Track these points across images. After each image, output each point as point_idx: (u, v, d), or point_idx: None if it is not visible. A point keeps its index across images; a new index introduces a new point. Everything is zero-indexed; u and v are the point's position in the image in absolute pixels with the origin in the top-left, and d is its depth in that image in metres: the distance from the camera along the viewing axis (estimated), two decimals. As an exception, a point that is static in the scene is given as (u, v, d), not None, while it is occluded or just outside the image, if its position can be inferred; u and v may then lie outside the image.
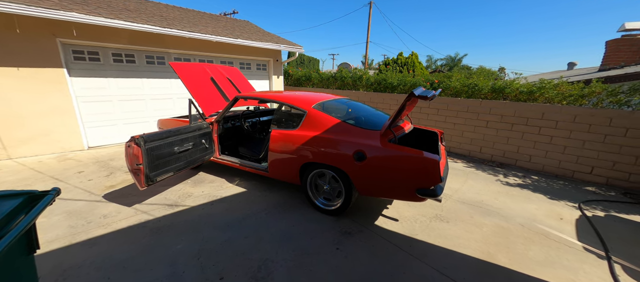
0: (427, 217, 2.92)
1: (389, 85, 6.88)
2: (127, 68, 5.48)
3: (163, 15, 6.16)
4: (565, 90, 4.63)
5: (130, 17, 5.01)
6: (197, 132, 3.30)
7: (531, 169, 4.73)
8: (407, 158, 2.32)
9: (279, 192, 3.41)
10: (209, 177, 3.86)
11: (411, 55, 12.51)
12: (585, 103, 4.48)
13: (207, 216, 2.81)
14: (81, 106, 5.04)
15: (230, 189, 3.47)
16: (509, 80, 5.26)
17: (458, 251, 2.40)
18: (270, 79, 8.27)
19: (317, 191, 3.00)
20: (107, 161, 4.46)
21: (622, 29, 8.36)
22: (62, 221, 2.62)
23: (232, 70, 4.99)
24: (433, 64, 28.39)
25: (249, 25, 9.00)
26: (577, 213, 3.19)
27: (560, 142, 4.41)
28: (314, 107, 2.94)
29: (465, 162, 5.07)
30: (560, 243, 2.55)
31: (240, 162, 3.54)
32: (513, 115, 4.82)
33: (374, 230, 2.65)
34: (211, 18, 7.87)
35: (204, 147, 3.43)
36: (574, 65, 15.28)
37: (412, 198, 2.37)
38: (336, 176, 2.71)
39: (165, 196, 3.20)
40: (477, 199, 3.44)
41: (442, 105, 5.66)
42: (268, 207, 3.04)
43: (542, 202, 3.45)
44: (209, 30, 6.12)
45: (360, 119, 3.16)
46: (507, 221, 2.93)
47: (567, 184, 4.13)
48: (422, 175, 2.25)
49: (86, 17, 4.38)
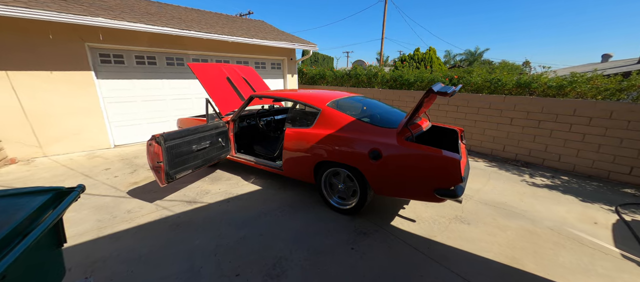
0: (446, 219, 2.81)
1: (406, 82, 6.70)
2: (149, 70, 5.71)
3: (181, 18, 6.36)
4: (600, 84, 4.27)
5: (151, 21, 5.21)
6: (214, 130, 3.37)
7: (560, 169, 4.43)
8: (425, 157, 2.24)
9: (293, 191, 3.42)
10: (226, 175, 3.95)
11: (429, 50, 12.10)
12: (624, 98, 4.12)
13: (223, 213, 2.86)
14: (108, 107, 5.32)
15: (246, 187, 3.53)
16: (536, 74, 4.95)
17: (480, 254, 2.28)
18: (284, 77, 8.32)
19: (332, 189, 2.97)
20: (131, 158, 4.68)
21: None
22: (90, 215, 2.77)
23: (248, 69, 5.06)
24: (452, 59, 27.32)
25: (264, 25, 9.09)
26: (614, 217, 2.94)
27: (594, 140, 4.08)
28: (329, 105, 2.91)
29: (487, 162, 4.84)
30: (595, 249, 2.36)
31: (256, 160, 3.58)
32: (540, 111, 4.52)
33: (390, 230, 2.59)
34: (227, 19, 8.04)
35: (221, 146, 3.50)
36: (609, 57, 14.18)
37: (430, 199, 2.28)
38: (351, 175, 2.67)
39: (185, 193, 3.31)
40: (501, 200, 3.26)
41: (462, 102, 5.43)
42: (282, 206, 3.05)
43: (573, 205, 3.21)
44: (225, 31, 6.24)
45: (375, 116, 3.09)
46: (534, 224, 2.75)
47: (602, 186, 3.82)
48: (441, 174, 2.16)
49: (111, 21, 4.60)
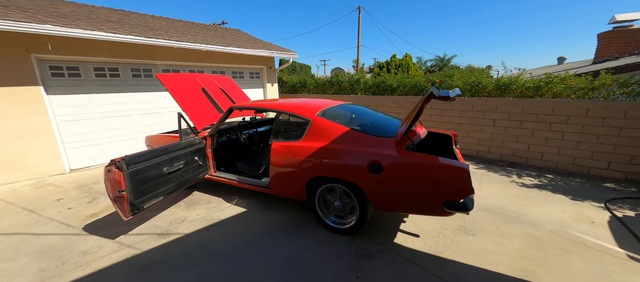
0: (450, 230, 2.64)
1: (389, 88, 6.67)
2: (111, 83, 5.10)
3: (148, 26, 5.83)
4: (573, 83, 4.47)
5: (112, 29, 4.68)
6: (188, 148, 2.96)
7: (544, 168, 4.53)
8: (431, 167, 2.05)
9: (282, 211, 3.08)
10: (204, 197, 3.51)
11: (405, 56, 12.44)
12: (595, 96, 4.33)
13: (203, 245, 2.46)
14: (61, 126, 4.63)
15: (228, 210, 3.13)
16: (513, 76, 5.10)
17: (492, 269, 2.11)
18: (264, 87, 7.98)
19: (327, 208, 2.69)
20: (90, 184, 4.05)
21: (613, 21, 8.43)
22: (31, 263, 2.23)
23: (225, 79, 4.69)
24: (423, 65, 28.58)
25: (240, 33, 8.74)
26: (606, 214, 2.96)
27: (573, 138, 4.22)
28: (319, 114, 2.65)
29: (474, 164, 4.84)
30: (602, 252, 2.30)
31: (239, 179, 3.21)
32: (521, 112, 4.63)
33: (394, 250, 2.35)
34: (200, 27, 7.58)
35: (198, 165, 3.09)
36: (564, 60, 15.47)
37: (438, 213, 2.08)
38: (348, 191, 2.41)
39: (155, 224, 2.84)
40: (498, 205, 3.18)
41: (446, 105, 5.46)
42: (272, 230, 2.70)
43: (565, 204, 3.21)
44: (198, 39, 5.81)
45: (369, 125, 2.88)
46: (536, 229, 2.67)
47: (585, 182, 3.92)
48: (450, 186, 1.97)
49: (62, 29, 4.03)
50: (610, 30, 8.51)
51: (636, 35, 8.00)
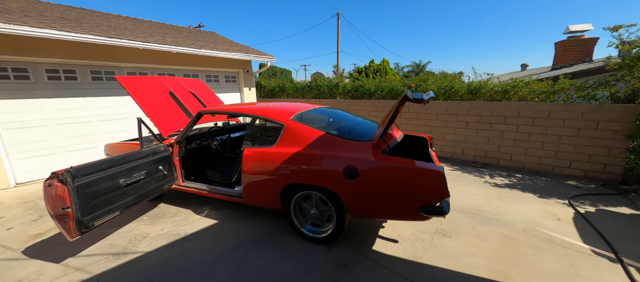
0: (428, 234, 2.61)
1: (367, 92, 6.72)
2: (67, 86, 4.64)
3: (111, 25, 5.41)
4: (536, 87, 4.75)
5: (67, 27, 4.26)
6: (151, 157, 2.71)
7: (513, 167, 4.74)
8: (407, 170, 2.00)
9: (256, 221, 2.90)
10: (172, 209, 3.23)
11: (383, 62, 12.72)
12: (555, 99, 4.62)
13: (166, 264, 2.22)
14: (4, 135, 4.10)
15: (197, 223, 2.89)
16: (482, 80, 5.33)
17: (470, 273, 2.10)
18: (241, 91, 7.72)
19: (303, 216, 2.56)
20: (37, 200, 3.60)
21: (567, 31, 9.21)
22: (-50, 298, 1.87)
23: (196, 82, 4.44)
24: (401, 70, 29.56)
25: (215, 36, 8.43)
26: (571, 211, 3.11)
27: (538, 139, 4.46)
28: (293, 119, 2.53)
29: (450, 165, 4.96)
30: (569, 249, 2.38)
31: (209, 188, 2.98)
32: (491, 114, 4.83)
33: (373, 258, 2.27)
34: (171, 29, 7.20)
35: (162, 175, 2.84)
36: (526, 67, 16.68)
37: (415, 217, 2.04)
38: (324, 198, 2.31)
39: (111, 242, 2.54)
40: (473, 206, 3.24)
41: (421, 109, 5.58)
42: (245, 242, 2.52)
43: (534, 202, 3.34)
44: (167, 40, 5.48)
45: (346, 129, 2.81)
46: (509, 228, 2.72)
47: (550, 180, 4.14)
48: (426, 190, 1.94)
49: (5, 26, 3.58)
50: (565, 40, 9.29)
51: (587, 44, 8.80)
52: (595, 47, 8.86)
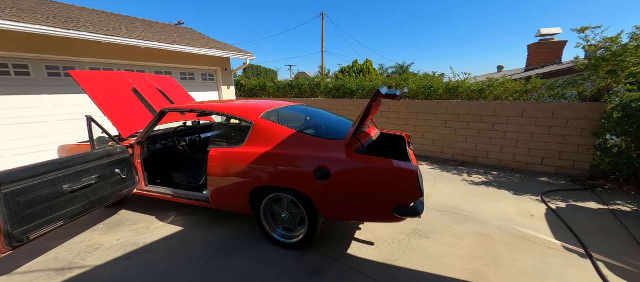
0: (405, 235, 2.54)
1: (348, 91, 6.65)
2: (18, 83, 4.20)
3: (72, 17, 4.98)
4: (510, 87, 4.87)
5: (15, 16, 3.85)
6: (105, 159, 2.45)
7: (490, 165, 4.82)
8: (379, 170, 1.90)
9: (226, 226, 2.71)
10: (133, 216, 2.97)
11: (366, 62, 12.78)
12: (528, 98, 4.75)
13: (118, 278, 1.99)
14: (-60, 136, 3.64)
15: (160, 231, 2.65)
16: (460, 80, 5.41)
17: (445, 274, 2.03)
18: (219, 90, 7.43)
19: (275, 220, 2.40)
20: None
21: (539, 34, 9.63)
22: None
23: (165, 79, 4.16)
24: (385, 72, 30.02)
25: (191, 32, 8.06)
26: (543, 207, 3.16)
27: (513, 137, 4.55)
28: (263, 116, 2.37)
29: (429, 164, 4.97)
30: (542, 245, 2.38)
31: (174, 192, 2.75)
32: (468, 113, 4.89)
33: (347, 262, 2.16)
34: (142, 23, 6.79)
35: (119, 179, 2.58)
36: (502, 68, 17.39)
37: (389, 219, 1.94)
38: (296, 201, 2.16)
39: (57, 255, 2.26)
40: (451, 204, 3.21)
41: (402, 108, 5.58)
42: (210, 250, 2.33)
43: (509, 199, 3.38)
44: (135, 35, 5.13)
45: (321, 127, 2.69)
46: (485, 226, 2.71)
47: (524, 177, 4.23)
48: (399, 190, 1.85)
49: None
50: (537, 43, 9.71)
51: (558, 47, 9.25)
52: (564, 49, 9.32)
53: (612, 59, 3.73)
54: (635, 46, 3.58)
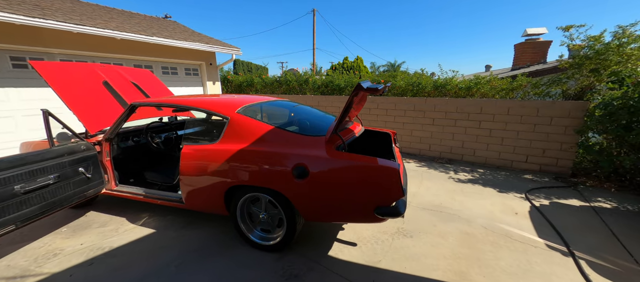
0: (388, 235, 2.46)
1: (337, 87, 6.55)
2: (-22, 74, 3.88)
3: (40, 5, 4.64)
4: (497, 84, 4.87)
5: (-27, 2, 3.53)
6: (66, 157, 2.25)
7: (476, 163, 4.83)
8: (359, 168, 1.80)
9: (202, 228, 2.57)
10: (102, 218, 2.77)
11: (356, 59, 12.71)
12: (514, 96, 4.77)
13: (77, 287, 1.82)
14: None
15: (129, 233, 2.48)
16: (448, 78, 5.39)
17: (428, 276, 1.96)
18: (204, 85, 7.18)
19: (252, 221, 2.28)
20: None
21: (525, 34, 9.79)
22: None
23: (142, 72, 3.93)
24: (376, 70, 30.08)
25: (175, 24, 7.75)
26: (527, 204, 3.15)
27: (499, 134, 4.57)
28: (240, 111, 2.23)
29: (417, 162, 4.94)
30: (525, 243, 2.35)
31: (146, 192, 2.58)
32: (455, 111, 4.87)
33: (327, 264, 2.06)
34: (120, 14, 6.45)
35: (84, 178, 2.38)
36: (490, 68, 17.67)
37: (370, 219, 1.85)
38: (273, 201, 2.04)
39: (9, 262, 2.06)
40: (436, 203, 3.17)
41: (390, 105, 5.52)
42: (183, 253, 2.18)
43: (494, 197, 3.36)
44: (111, 25, 4.84)
45: (301, 123, 2.58)
46: (469, 225, 2.66)
47: (509, 174, 4.25)
48: (380, 189, 1.75)
49: None
50: (523, 42, 9.88)
51: (543, 47, 9.43)
52: (549, 49, 9.50)
53: (595, 58, 3.76)
54: (617, 45, 3.62)
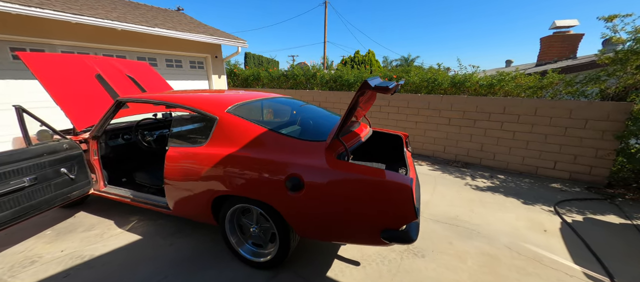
0: (397, 253, 2.17)
1: (346, 83, 6.21)
2: (-22, 65, 3.82)
3: (41, -5, 4.54)
4: (523, 82, 4.40)
5: (-31, -10, 3.43)
6: (46, 157, 2.08)
7: (496, 168, 4.41)
8: (363, 182, 1.51)
9: (193, 236, 2.36)
10: (90, 220, 2.62)
11: (368, 53, 12.22)
12: (542, 95, 4.30)
13: (47, 303, 1.65)
14: None
15: (115, 239, 2.31)
16: (467, 73, 4.94)
17: (442, 308, 1.67)
18: (209, 79, 7.01)
19: (243, 233, 2.04)
20: None
21: (553, 26, 9.02)
22: None
23: (139, 65, 3.76)
24: (389, 64, 29.22)
25: (181, 16, 7.58)
26: (557, 220, 2.77)
27: (523, 137, 4.13)
28: (230, 110, 1.97)
29: (430, 164, 4.58)
30: (559, 270, 2.01)
31: (134, 195, 2.40)
32: (475, 110, 4.45)
33: (325, 288, 1.80)
34: (125, 4, 6.31)
35: (67, 179, 2.22)
36: (511, 63, 16.68)
37: (376, 243, 1.56)
38: (265, 214, 1.79)
39: (-16, 269, 1.92)
40: (452, 214, 2.83)
41: (402, 103, 5.14)
42: (170, 265, 1.98)
43: (518, 209, 2.99)
44: (112, 16, 4.69)
45: (302, 124, 2.29)
46: (491, 244, 2.33)
47: (534, 182, 3.83)
48: (387, 209, 1.46)
49: None
50: (550, 35, 9.11)
51: (573, 40, 8.66)
52: (579, 43, 8.72)
53: (644, 52, 3.25)
54: (673, 37, 3.10)
